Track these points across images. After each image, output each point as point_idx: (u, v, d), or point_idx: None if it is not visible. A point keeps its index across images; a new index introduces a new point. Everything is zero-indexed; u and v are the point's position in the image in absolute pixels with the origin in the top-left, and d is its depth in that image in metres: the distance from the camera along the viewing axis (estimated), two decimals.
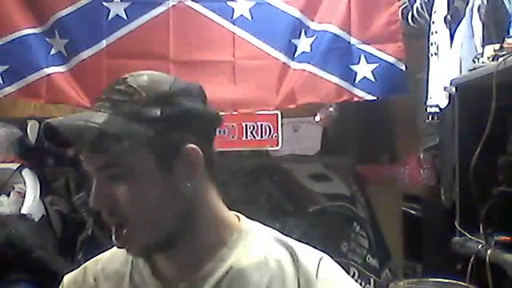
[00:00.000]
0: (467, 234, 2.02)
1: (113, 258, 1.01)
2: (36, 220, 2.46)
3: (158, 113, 0.87)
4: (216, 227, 0.95)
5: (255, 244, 0.95)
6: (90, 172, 0.90)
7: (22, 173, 2.62)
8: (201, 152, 0.90)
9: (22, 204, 2.51)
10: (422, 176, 2.83)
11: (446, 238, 2.17)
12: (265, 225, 1.02)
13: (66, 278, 1.05)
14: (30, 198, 2.53)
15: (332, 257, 0.99)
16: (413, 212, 3.01)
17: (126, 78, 0.91)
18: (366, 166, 3.06)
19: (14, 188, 2.59)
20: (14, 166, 2.65)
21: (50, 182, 2.79)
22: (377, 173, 3.05)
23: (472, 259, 1.93)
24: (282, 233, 1.01)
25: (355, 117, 3.01)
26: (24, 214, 2.44)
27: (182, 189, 0.89)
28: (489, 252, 1.84)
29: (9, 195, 2.57)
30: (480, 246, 1.91)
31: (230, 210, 0.99)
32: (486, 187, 1.96)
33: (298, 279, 0.92)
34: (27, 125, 2.81)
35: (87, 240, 2.73)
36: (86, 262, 1.07)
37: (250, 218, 1.01)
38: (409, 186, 2.96)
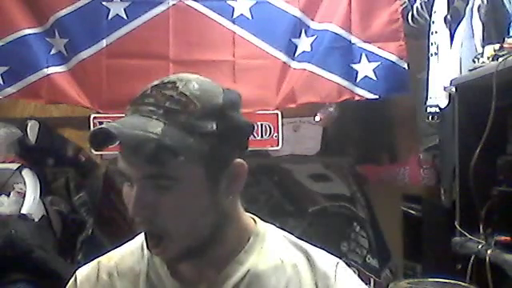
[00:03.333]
0: (467, 234, 2.02)
1: (127, 255, 0.99)
2: (36, 220, 2.46)
3: (214, 127, 0.85)
4: (238, 232, 0.95)
5: (272, 247, 0.96)
6: (128, 178, 0.87)
7: (22, 173, 2.62)
8: (246, 166, 0.90)
9: (22, 204, 2.51)
10: (422, 176, 2.83)
11: (446, 238, 2.17)
12: None
13: (79, 274, 1.01)
14: (29, 198, 2.53)
15: None
16: (413, 212, 3.01)
17: (174, 83, 0.88)
18: (366, 166, 3.06)
19: (14, 188, 2.59)
20: (14, 166, 2.65)
21: (49, 182, 2.79)
22: (377, 173, 3.05)
23: (472, 259, 1.93)
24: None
25: (355, 117, 3.01)
26: (24, 214, 2.44)
27: (224, 201, 0.90)
28: (489, 252, 1.84)
29: (9, 195, 2.56)
30: (480, 246, 1.91)
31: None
32: (486, 187, 1.96)
33: (316, 283, 0.93)
34: (27, 125, 2.81)
35: (87, 240, 2.73)
36: (85, 261, 1.06)
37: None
38: (409, 185, 2.96)
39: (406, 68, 2.65)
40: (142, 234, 0.92)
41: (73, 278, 1.02)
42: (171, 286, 0.94)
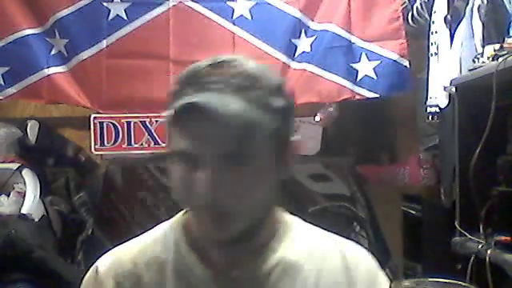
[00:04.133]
0: (467, 234, 2.02)
1: (149, 244, 0.96)
2: (36, 220, 2.46)
3: (281, 103, 0.86)
4: (273, 219, 0.95)
5: (300, 236, 0.96)
6: (192, 159, 0.82)
7: (22, 173, 2.61)
8: (297, 145, 0.92)
9: (22, 204, 2.50)
10: (422, 176, 2.82)
11: (446, 238, 2.17)
12: None
13: (101, 265, 0.96)
14: (29, 198, 2.53)
15: None
16: (413, 212, 3.01)
17: (231, 62, 0.86)
18: (366, 165, 3.06)
19: (14, 188, 2.59)
20: (14, 166, 2.64)
21: (49, 182, 2.79)
22: (377, 173, 3.05)
23: (472, 259, 1.93)
24: None
25: (355, 117, 3.00)
26: (24, 214, 2.44)
27: (279, 179, 0.90)
28: (489, 252, 1.84)
29: (9, 195, 2.56)
30: (480, 246, 1.91)
31: None
32: (486, 187, 1.96)
33: (346, 273, 0.93)
34: (27, 125, 2.81)
35: (87, 240, 2.73)
36: (86, 262, 1.06)
37: None
38: (409, 185, 2.96)
39: (408, 66, 2.65)
40: (196, 215, 0.88)
41: (93, 269, 0.97)
42: (202, 273, 0.91)
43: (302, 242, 0.95)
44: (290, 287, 0.90)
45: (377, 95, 2.67)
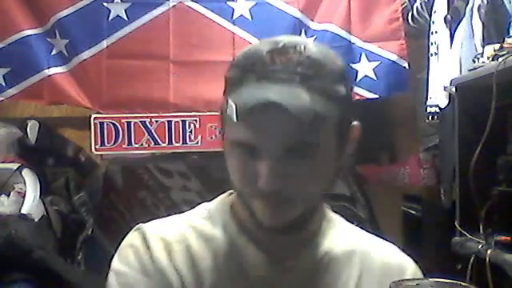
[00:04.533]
0: (467, 234, 2.02)
1: (194, 219, 0.93)
2: (36, 220, 2.45)
3: (344, 90, 0.83)
4: (321, 214, 0.95)
5: (342, 234, 0.96)
6: (256, 149, 0.80)
7: (22, 173, 2.61)
8: (360, 128, 0.89)
9: (22, 204, 2.50)
10: (422, 176, 2.82)
11: (446, 238, 2.17)
12: None
13: (147, 228, 0.91)
14: (30, 198, 2.53)
15: None
16: (413, 212, 3.01)
17: (295, 47, 0.81)
18: (366, 165, 3.06)
19: (14, 188, 2.59)
20: (14, 166, 2.64)
21: (50, 182, 2.79)
22: (377, 173, 3.05)
23: (472, 259, 1.93)
24: None
25: (355, 117, 3.00)
26: (24, 214, 2.44)
27: (340, 165, 0.88)
28: (489, 252, 1.84)
29: (9, 195, 2.56)
30: (480, 246, 1.91)
31: None
32: (486, 187, 1.96)
33: (390, 275, 0.90)
34: (27, 125, 2.81)
35: (87, 240, 2.73)
36: (86, 262, 1.05)
37: None
38: (409, 185, 2.96)
39: (407, 67, 2.65)
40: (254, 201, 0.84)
41: (137, 232, 0.91)
42: (254, 256, 0.89)
43: (345, 239, 0.95)
44: (334, 281, 0.91)
45: (376, 96, 2.67)
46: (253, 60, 0.82)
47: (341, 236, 0.95)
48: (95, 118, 2.73)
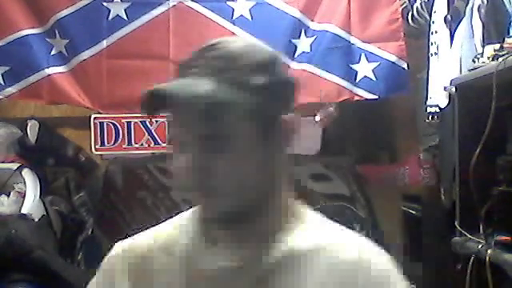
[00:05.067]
0: (467, 234, 2.02)
1: (167, 230, 0.97)
2: (36, 220, 2.46)
3: (262, 81, 0.85)
4: (281, 209, 0.94)
5: (312, 229, 0.94)
6: (180, 143, 0.87)
7: (22, 173, 2.61)
8: (296, 121, 0.90)
9: (22, 204, 2.50)
10: (422, 176, 2.82)
11: (446, 238, 2.17)
12: None
13: (117, 248, 0.98)
14: (30, 198, 2.53)
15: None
16: (413, 212, 3.01)
17: (217, 44, 0.88)
18: (366, 165, 3.06)
19: (14, 188, 2.59)
20: (14, 165, 2.64)
21: (50, 182, 2.79)
22: (377, 173, 3.05)
23: (472, 259, 1.93)
24: None
25: (355, 117, 3.01)
26: (24, 214, 2.44)
27: (274, 160, 0.90)
28: (489, 252, 1.84)
29: (9, 195, 2.56)
30: (480, 246, 1.91)
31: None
32: (486, 187, 1.96)
33: (359, 271, 0.89)
34: (27, 125, 2.81)
35: (87, 240, 2.73)
36: (86, 262, 1.06)
37: None
38: (409, 186, 2.96)
39: (406, 68, 2.65)
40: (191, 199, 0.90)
41: (111, 252, 0.98)
42: (209, 257, 0.91)
43: (313, 235, 0.93)
44: (297, 279, 0.89)
45: (375, 96, 2.68)
46: (184, 60, 0.90)
47: (308, 233, 0.93)
48: (95, 117, 2.73)
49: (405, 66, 2.65)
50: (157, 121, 2.71)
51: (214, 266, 0.90)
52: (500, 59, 1.83)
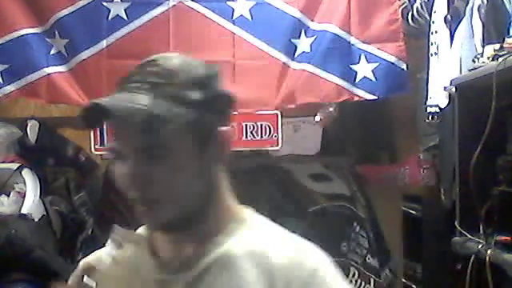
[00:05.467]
0: (467, 234, 2.02)
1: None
2: (36, 220, 2.46)
3: (198, 96, 0.89)
4: (221, 212, 0.96)
5: (252, 235, 0.95)
6: (120, 154, 0.91)
7: (22, 173, 2.62)
8: (231, 132, 0.94)
9: (22, 204, 2.51)
10: (422, 176, 2.82)
11: (446, 238, 2.17)
12: None
13: (81, 262, 1.05)
14: (30, 198, 2.53)
15: (332, 257, 0.98)
16: (413, 212, 3.01)
17: (156, 60, 0.92)
18: (366, 165, 3.06)
19: (14, 188, 2.59)
20: (14, 165, 2.65)
21: (50, 182, 2.79)
22: (377, 173, 3.05)
23: (472, 259, 1.93)
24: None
25: (355, 117, 3.01)
26: (24, 214, 2.44)
27: (210, 170, 0.93)
28: (489, 252, 1.84)
29: (9, 195, 2.56)
30: (480, 246, 1.91)
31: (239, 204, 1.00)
32: (486, 187, 1.96)
33: (287, 273, 0.90)
34: (27, 125, 2.81)
35: (87, 240, 2.73)
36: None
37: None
38: (409, 186, 2.96)
39: (405, 69, 2.65)
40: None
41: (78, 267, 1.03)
42: (148, 262, 0.96)
43: (250, 240, 0.94)
44: (226, 283, 0.91)
45: (375, 97, 2.67)
46: (125, 75, 0.93)
47: (247, 236, 0.95)
48: None
49: (404, 66, 2.65)
50: None
51: (151, 277, 0.94)
52: (500, 59, 1.83)
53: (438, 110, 2.38)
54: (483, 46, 2.04)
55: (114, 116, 0.86)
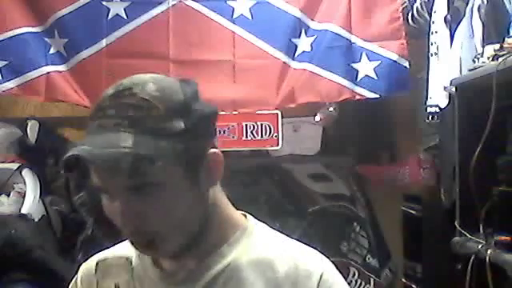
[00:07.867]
0: (467, 234, 2.02)
1: (125, 247, 0.99)
2: (36, 220, 2.46)
3: (182, 125, 0.86)
4: (222, 223, 0.95)
5: (257, 244, 0.95)
6: (107, 192, 0.89)
7: (22, 173, 2.62)
8: (221, 154, 0.91)
9: (22, 204, 2.51)
10: (422, 176, 2.82)
11: (446, 238, 2.17)
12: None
13: (82, 266, 1.06)
14: (29, 198, 2.53)
15: (332, 257, 0.98)
16: (413, 212, 3.00)
17: (131, 89, 0.87)
18: (366, 165, 3.06)
19: (14, 188, 2.59)
20: (14, 165, 2.65)
21: (49, 182, 2.79)
22: (377, 173, 3.05)
23: (472, 259, 1.93)
24: (284, 234, 1.01)
25: (355, 117, 3.01)
26: (24, 214, 2.44)
27: (206, 192, 0.91)
28: (489, 252, 1.84)
29: (9, 195, 2.56)
30: (480, 246, 1.91)
31: (237, 209, 1.00)
32: (486, 187, 1.96)
33: (297, 284, 0.91)
34: (27, 125, 2.81)
35: (87, 240, 2.72)
36: (85, 261, 1.07)
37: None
38: (409, 186, 2.96)
39: (407, 67, 2.64)
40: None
41: (78, 274, 1.04)
42: (153, 273, 0.95)
43: (256, 249, 0.94)
44: None
45: (377, 95, 2.67)
46: (97, 106, 0.89)
47: (252, 246, 0.95)
48: None
49: (406, 64, 2.64)
50: None
51: (158, 281, 0.94)
52: (500, 59, 1.83)
53: (437, 109, 2.38)
54: (483, 46, 2.04)
55: (100, 164, 0.84)
